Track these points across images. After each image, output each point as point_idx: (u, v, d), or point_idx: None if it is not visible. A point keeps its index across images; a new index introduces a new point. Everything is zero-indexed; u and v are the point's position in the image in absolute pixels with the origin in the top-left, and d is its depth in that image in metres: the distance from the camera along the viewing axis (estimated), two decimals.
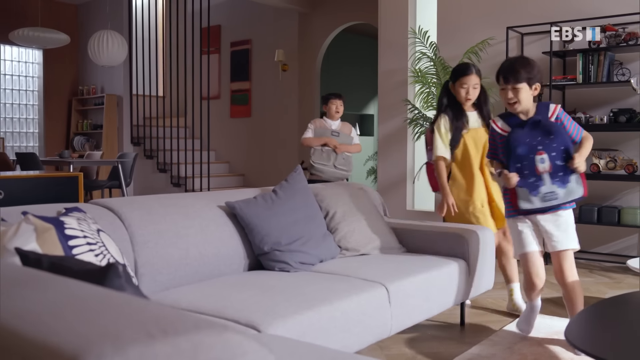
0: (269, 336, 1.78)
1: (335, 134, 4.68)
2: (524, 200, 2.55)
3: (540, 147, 2.51)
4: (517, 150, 2.52)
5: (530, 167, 2.53)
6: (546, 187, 2.52)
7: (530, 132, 2.53)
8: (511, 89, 2.55)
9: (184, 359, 0.71)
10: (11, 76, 9.13)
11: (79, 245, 1.81)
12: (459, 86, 3.27)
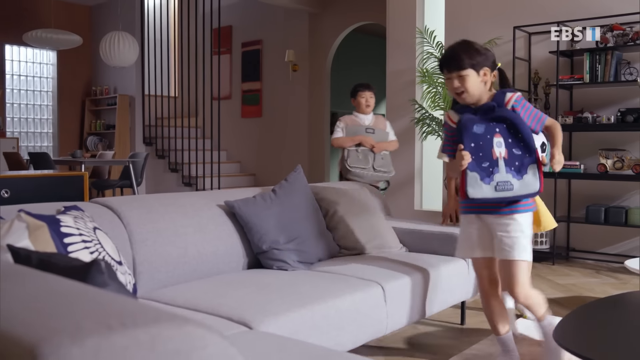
0: (259, 333, 1.81)
1: (370, 131, 4.03)
2: (474, 187, 2.22)
3: (498, 130, 2.22)
4: (473, 129, 2.22)
5: (487, 148, 2.22)
6: (500, 174, 2.20)
7: (483, 116, 2.25)
8: (456, 77, 2.25)
9: (141, 350, 0.74)
10: (26, 77, 9.26)
11: (74, 243, 1.85)
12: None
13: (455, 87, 2.26)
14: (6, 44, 8.86)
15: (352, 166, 3.95)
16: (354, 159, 3.97)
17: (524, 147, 2.22)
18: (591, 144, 4.98)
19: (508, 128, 2.22)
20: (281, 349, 1.62)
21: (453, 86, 2.27)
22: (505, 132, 2.22)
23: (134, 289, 2.12)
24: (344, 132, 4.03)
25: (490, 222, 2.32)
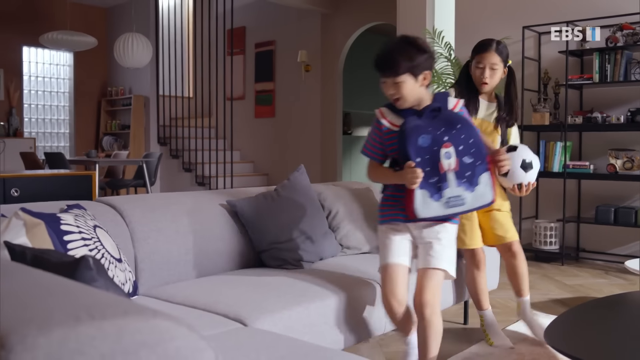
0: (253, 329, 1.85)
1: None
2: (423, 206, 2.00)
3: (447, 139, 1.99)
4: (418, 141, 1.98)
5: (433, 162, 1.99)
6: (451, 189, 2.00)
7: (431, 122, 2.02)
8: (392, 83, 2.03)
9: (106, 341, 0.77)
10: (43, 78, 9.41)
11: (73, 241, 1.90)
12: (475, 65, 2.69)
13: (390, 93, 2.06)
14: (24, 46, 9.01)
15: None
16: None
17: (476, 153, 2.02)
18: (601, 144, 4.95)
19: (458, 133, 2.01)
20: (272, 345, 1.65)
21: (388, 92, 2.07)
22: (456, 139, 2.01)
23: (134, 286, 2.17)
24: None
25: (418, 229, 2.15)
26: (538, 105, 5.08)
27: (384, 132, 2.11)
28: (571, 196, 5.12)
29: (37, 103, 9.37)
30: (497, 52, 2.65)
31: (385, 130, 2.11)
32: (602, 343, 1.77)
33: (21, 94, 9.02)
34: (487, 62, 2.63)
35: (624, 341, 1.79)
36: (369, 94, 9.75)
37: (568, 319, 1.96)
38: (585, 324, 1.92)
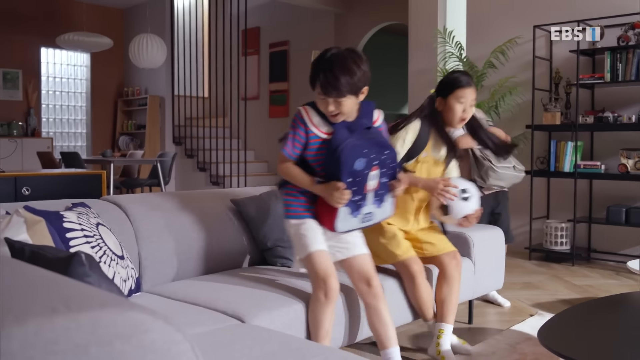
0: (249, 326, 1.88)
1: (491, 123, 3.39)
2: (344, 222, 2.10)
3: (376, 162, 2.09)
4: (355, 165, 2.03)
5: (362, 184, 2.08)
6: (367, 207, 2.13)
7: (365, 142, 2.07)
8: (333, 101, 2.05)
9: (80, 332, 0.80)
10: (60, 79, 9.55)
11: (76, 238, 1.95)
12: (456, 100, 2.55)
13: (330, 110, 2.06)
14: (42, 47, 9.16)
15: (498, 166, 3.15)
16: (494, 157, 3.12)
17: (392, 175, 2.15)
18: (612, 143, 4.91)
19: (386, 158, 2.11)
20: (266, 341, 1.68)
21: (327, 108, 2.06)
22: (383, 163, 2.10)
23: (137, 283, 2.21)
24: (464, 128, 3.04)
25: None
26: (549, 105, 5.05)
27: (309, 135, 2.12)
28: (582, 196, 5.09)
29: (55, 103, 9.52)
30: (475, 89, 2.62)
31: (311, 135, 2.12)
32: (595, 343, 1.77)
33: (39, 95, 9.17)
34: (470, 97, 2.57)
35: (618, 341, 1.79)
36: (384, 93, 9.76)
37: (563, 319, 1.96)
38: (581, 324, 1.92)
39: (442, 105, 2.59)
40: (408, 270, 2.52)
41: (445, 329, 2.61)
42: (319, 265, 2.11)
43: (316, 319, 2.08)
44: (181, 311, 1.98)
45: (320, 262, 2.11)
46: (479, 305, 3.58)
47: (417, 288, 2.53)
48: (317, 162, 2.14)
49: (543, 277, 4.45)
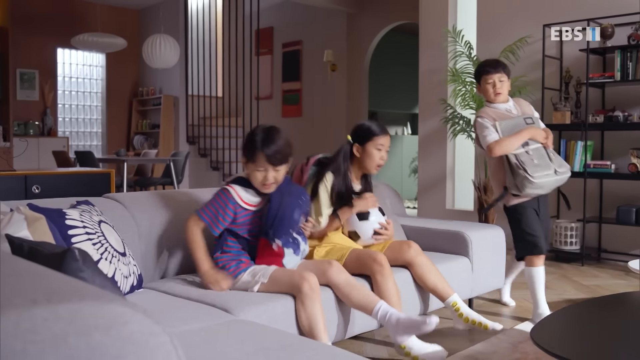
0: (235, 319, 1.92)
1: (529, 121, 3.04)
2: (288, 262, 2.36)
3: (304, 210, 2.45)
4: (295, 217, 2.35)
5: (295, 229, 2.40)
6: (302, 245, 2.42)
7: (293, 196, 2.40)
8: (273, 170, 2.31)
9: (59, 323, 0.84)
10: (76, 79, 9.68)
11: (78, 235, 2.00)
12: (373, 147, 2.73)
13: (268, 180, 2.31)
14: (58, 48, 9.29)
15: (534, 175, 2.88)
16: (530, 164, 2.90)
17: (305, 214, 2.48)
18: (623, 143, 4.88)
19: (304, 203, 2.44)
20: (259, 336, 1.71)
21: (265, 179, 2.31)
22: (304, 208, 2.44)
23: (139, 279, 2.26)
24: (499, 130, 2.96)
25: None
26: (559, 104, 5.03)
27: (237, 211, 2.33)
28: (593, 196, 5.06)
29: (71, 103, 9.65)
30: (389, 135, 2.80)
31: (239, 210, 2.33)
32: (588, 342, 1.78)
33: (55, 95, 9.30)
34: (387, 144, 2.76)
35: (611, 340, 1.80)
36: (396, 93, 9.76)
37: (559, 317, 1.97)
38: (575, 323, 1.93)
39: (359, 151, 2.75)
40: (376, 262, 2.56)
41: (457, 301, 2.68)
42: (287, 272, 2.28)
43: (310, 314, 2.13)
44: (176, 307, 2.02)
45: (285, 270, 2.30)
46: (485, 305, 3.59)
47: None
48: (244, 229, 2.36)
49: (551, 277, 4.44)
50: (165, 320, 1.86)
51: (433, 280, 2.67)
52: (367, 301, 2.29)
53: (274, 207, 2.32)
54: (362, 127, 2.79)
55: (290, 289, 2.18)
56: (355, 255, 2.58)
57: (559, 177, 2.97)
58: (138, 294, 2.21)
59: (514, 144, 2.91)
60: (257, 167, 2.30)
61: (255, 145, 2.30)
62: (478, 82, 3.14)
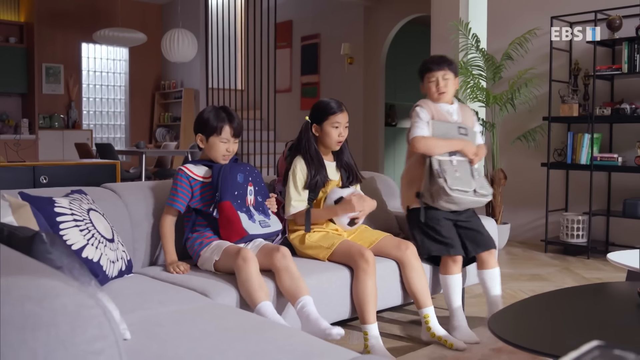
0: (211, 302, 2.02)
1: (463, 132, 2.86)
2: (248, 225, 2.48)
3: (250, 179, 2.60)
4: (238, 177, 2.53)
5: (243, 197, 2.54)
6: (257, 215, 2.55)
7: (239, 165, 2.61)
8: (233, 143, 2.58)
9: None
10: (100, 73, 9.93)
11: (66, 222, 2.12)
12: (330, 126, 2.77)
13: (230, 149, 2.58)
14: (82, 42, 9.53)
15: (453, 188, 2.71)
16: (452, 175, 2.73)
17: (264, 195, 2.63)
18: (631, 135, 4.85)
19: (256, 177, 2.62)
20: (224, 318, 1.81)
21: (227, 148, 2.56)
22: (255, 181, 2.61)
23: (128, 264, 2.38)
24: (430, 127, 2.82)
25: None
26: (566, 97, 5.01)
27: (192, 185, 2.52)
28: (601, 189, 5.04)
29: (95, 96, 9.91)
30: (346, 112, 2.88)
31: (194, 183, 2.53)
32: (543, 330, 1.84)
33: (80, 88, 9.56)
34: (343, 121, 2.82)
35: (567, 329, 1.85)
36: (413, 85, 9.76)
37: (522, 307, 2.02)
38: (537, 312, 1.98)
39: (318, 131, 2.82)
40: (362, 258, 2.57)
41: (430, 314, 2.70)
42: (232, 247, 2.38)
43: (242, 281, 2.20)
44: (158, 290, 2.13)
45: (231, 246, 2.40)
46: (479, 295, 3.64)
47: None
48: (200, 201, 2.51)
49: (554, 269, 4.46)
50: (145, 302, 1.98)
51: (417, 286, 2.70)
52: (296, 291, 2.28)
53: (215, 172, 2.50)
54: (317, 106, 2.86)
55: (232, 263, 2.29)
56: (346, 246, 2.64)
57: (476, 199, 2.80)
58: (126, 278, 2.32)
59: (440, 148, 2.76)
60: (221, 139, 2.53)
61: (221, 118, 2.53)
62: (421, 80, 2.98)
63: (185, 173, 2.54)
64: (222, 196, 2.44)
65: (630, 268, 2.53)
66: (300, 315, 2.24)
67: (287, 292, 2.30)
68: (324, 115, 2.80)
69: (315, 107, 2.86)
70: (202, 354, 1.48)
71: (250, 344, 1.56)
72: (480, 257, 2.88)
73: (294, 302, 2.28)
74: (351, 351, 1.56)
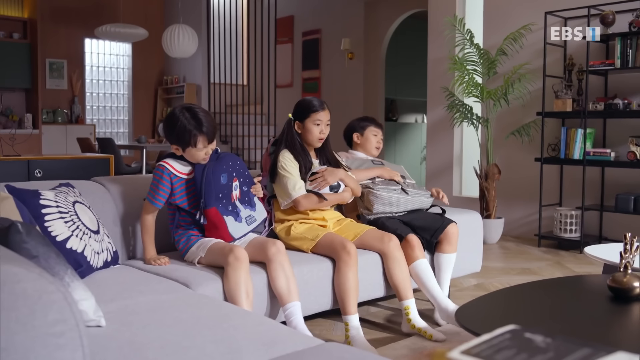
0: (190, 292, 2.09)
1: (377, 163, 3.32)
2: (234, 229, 2.48)
3: (235, 174, 2.54)
4: (221, 179, 2.46)
5: (228, 195, 2.49)
6: (243, 211, 2.54)
7: (221, 162, 2.51)
8: (208, 147, 2.49)
9: None
10: (103, 68, 10.01)
11: (51, 213, 2.19)
12: (312, 123, 2.85)
13: (205, 154, 2.48)
14: (85, 38, 9.61)
15: (377, 187, 3.03)
16: (374, 182, 3.09)
17: (249, 183, 2.62)
18: (624, 131, 4.87)
19: (239, 169, 2.58)
20: (198, 307, 1.87)
21: (203, 153, 2.47)
22: (239, 173, 2.57)
23: (114, 256, 2.44)
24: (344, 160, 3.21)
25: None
26: (560, 92, 5.04)
27: (173, 181, 2.48)
28: (594, 184, 5.07)
29: (98, 92, 9.99)
30: (328, 110, 2.92)
31: (175, 179, 2.49)
32: (510, 322, 1.88)
33: (83, 83, 9.64)
34: (325, 118, 2.87)
35: (534, 321, 1.90)
36: (414, 80, 9.78)
37: (489, 299, 2.07)
38: (506, 304, 2.02)
39: (300, 128, 2.88)
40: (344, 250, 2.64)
41: (411, 306, 2.75)
42: (220, 245, 2.40)
43: (232, 282, 2.23)
44: (141, 281, 2.20)
45: (220, 243, 2.42)
46: (469, 288, 3.69)
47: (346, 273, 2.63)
48: (184, 201, 2.48)
49: (545, 263, 4.50)
50: (125, 292, 2.04)
51: (399, 278, 2.75)
52: (287, 294, 2.35)
53: (198, 175, 2.45)
54: (300, 104, 2.91)
55: (221, 260, 2.32)
56: (330, 239, 2.69)
57: (412, 198, 3.06)
58: (111, 269, 2.39)
59: (360, 177, 3.06)
60: (198, 150, 2.45)
61: (190, 131, 2.42)
62: (360, 132, 3.40)
63: (166, 169, 2.49)
64: (207, 203, 2.41)
65: (605, 261, 2.57)
66: (289, 324, 2.33)
67: (279, 292, 2.37)
68: (306, 113, 2.85)
69: (298, 104, 2.92)
70: (170, 340, 1.54)
71: (219, 331, 1.62)
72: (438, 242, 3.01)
73: (283, 303, 2.37)
74: (316, 339, 1.62)
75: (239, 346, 1.52)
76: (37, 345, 1.07)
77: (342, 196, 2.86)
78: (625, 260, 2.02)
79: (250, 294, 2.24)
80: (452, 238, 2.98)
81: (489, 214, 5.26)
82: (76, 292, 1.60)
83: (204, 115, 2.47)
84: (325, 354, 1.42)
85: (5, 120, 8.47)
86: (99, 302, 1.72)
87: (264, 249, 2.42)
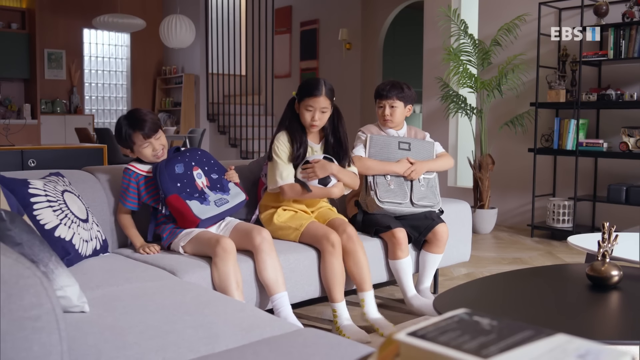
0: (176, 280, 2.12)
1: (404, 146, 3.03)
2: (199, 211, 2.49)
3: (194, 164, 2.60)
4: (176, 169, 2.52)
5: (192, 183, 2.54)
6: (213, 196, 2.56)
7: (177, 154, 2.61)
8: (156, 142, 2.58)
9: None
10: (102, 58, 10.02)
11: (39, 202, 2.22)
12: (304, 108, 2.73)
13: (156, 149, 2.57)
14: (84, 28, 9.62)
15: (384, 201, 2.90)
16: (385, 189, 2.93)
17: (218, 170, 2.66)
18: (617, 121, 4.89)
19: (201, 159, 2.64)
20: (181, 293, 1.91)
21: (154, 150, 2.56)
22: (201, 162, 2.62)
23: (103, 244, 2.48)
24: (367, 144, 3.01)
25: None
26: (554, 83, 5.05)
27: (138, 180, 2.56)
28: (587, 174, 5.10)
29: (97, 82, 10.01)
30: (327, 96, 2.71)
31: (139, 177, 2.57)
32: (485, 310, 1.92)
33: (82, 74, 9.67)
34: (318, 105, 2.70)
35: (510, 310, 1.93)
36: (412, 71, 9.78)
37: (468, 287, 2.11)
38: (485, 293, 2.06)
39: (298, 109, 2.78)
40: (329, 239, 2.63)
41: (366, 299, 2.71)
42: (206, 235, 2.43)
43: (221, 273, 2.27)
44: (128, 268, 2.24)
45: (206, 233, 2.46)
46: (459, 278, 3.72)
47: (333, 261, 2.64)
48: (149, 198, 2.57)
49: (536, 253, 4.53)
50: (111, 279, 2.08)
51: (352, 270, 2.69)
52: (275, 285, 2.38)
53: (153, 172, 2.53)
54: (302, 84, 2.79)
55: (209, 251, 2.36)
56: (314, 228, 2.68)
57: (415, 210, 2.95)
58: (100, 257, 2.42)
59: (374, 170, 2.92)
60: (141, 147, 2.54)
61: (125, 131, 2.54)
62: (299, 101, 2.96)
63: (130, 171, 2.57)
64: (166, 192, 2.46)
65: (587, 251, 2.61)
66: (277, 314, 2.37)
67: (266, 282, 2.40)
68: (302, 95, 2.73)
69: (301, 84, 2.80)
70: (151, 324, 1.58)
71: (200, 317, 1.66)
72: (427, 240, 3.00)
73: (271, 293, 2.41)
74: (294, 325, 1.66)
75: (217, 331, 1.56)
76: (14, 329, 1.11)
77: (329, 191, 2.76)
78: (603, 250, 2.05)
79: (240, 283, 2.28)
80: (441, 239, 2.94)
81: (482, 204, 5.29)
82: (60, 279, 1.64)
83: (141, 114, 2.57)
84: (300, 338, 1.46)
85: (4, 110, 8.50)
86: (85, 289, 1.76)
87: (250, 237, 2.44)
